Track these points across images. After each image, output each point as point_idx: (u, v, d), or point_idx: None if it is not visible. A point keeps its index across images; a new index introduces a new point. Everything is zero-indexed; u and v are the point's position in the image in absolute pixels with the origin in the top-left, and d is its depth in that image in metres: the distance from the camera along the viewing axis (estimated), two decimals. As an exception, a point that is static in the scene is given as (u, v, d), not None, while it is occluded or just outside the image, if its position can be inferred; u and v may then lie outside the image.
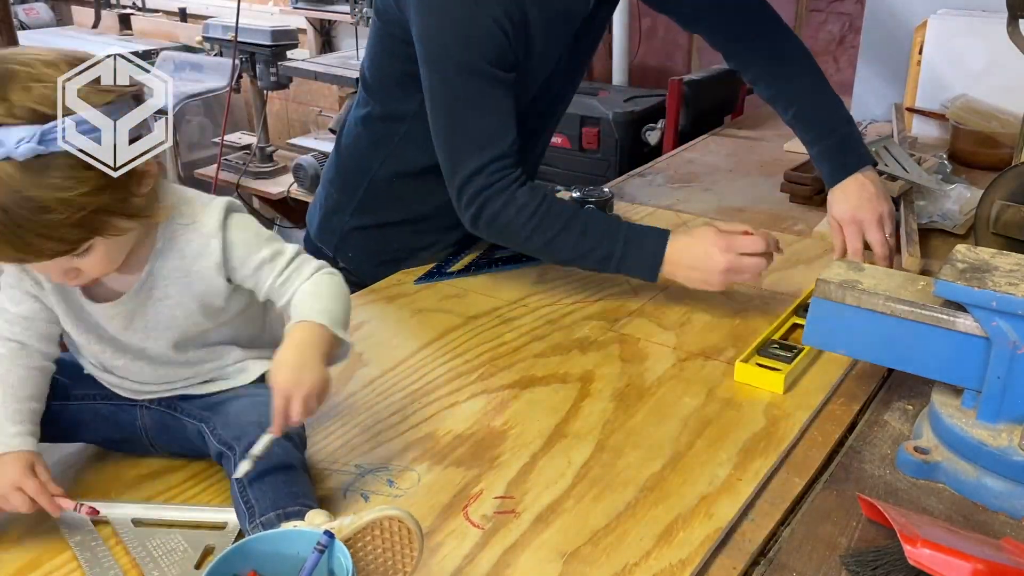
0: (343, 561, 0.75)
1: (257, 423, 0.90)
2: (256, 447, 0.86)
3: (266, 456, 0.87)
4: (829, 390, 1.14)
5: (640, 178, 2.04)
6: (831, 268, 1.07)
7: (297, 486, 0.90)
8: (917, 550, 0.77)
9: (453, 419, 1.10)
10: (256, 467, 0.86)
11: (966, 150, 2.02)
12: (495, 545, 0.88)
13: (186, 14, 4.54)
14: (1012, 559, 0.80)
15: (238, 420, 0.93)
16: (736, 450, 1.02)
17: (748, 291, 1.42)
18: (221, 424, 0.94)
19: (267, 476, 0.88)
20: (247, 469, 0.86)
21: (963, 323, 0.96)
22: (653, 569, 0.84)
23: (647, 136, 2.81)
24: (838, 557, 0.86)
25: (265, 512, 0.86)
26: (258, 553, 0.77)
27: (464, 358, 1.24)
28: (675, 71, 3.23)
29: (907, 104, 2.25)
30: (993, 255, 0.99)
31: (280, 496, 0.87)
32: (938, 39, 2.15)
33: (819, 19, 3.27)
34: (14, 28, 1.73)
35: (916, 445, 1.00)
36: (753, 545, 0.88)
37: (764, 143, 2.30)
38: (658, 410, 1.11)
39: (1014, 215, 1.38)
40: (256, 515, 0.86)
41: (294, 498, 0.87)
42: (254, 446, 0.86)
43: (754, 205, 1.84)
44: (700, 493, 0.95)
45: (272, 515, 0.85)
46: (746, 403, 1.11)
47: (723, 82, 2.86)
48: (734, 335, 1.29)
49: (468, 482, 0.97)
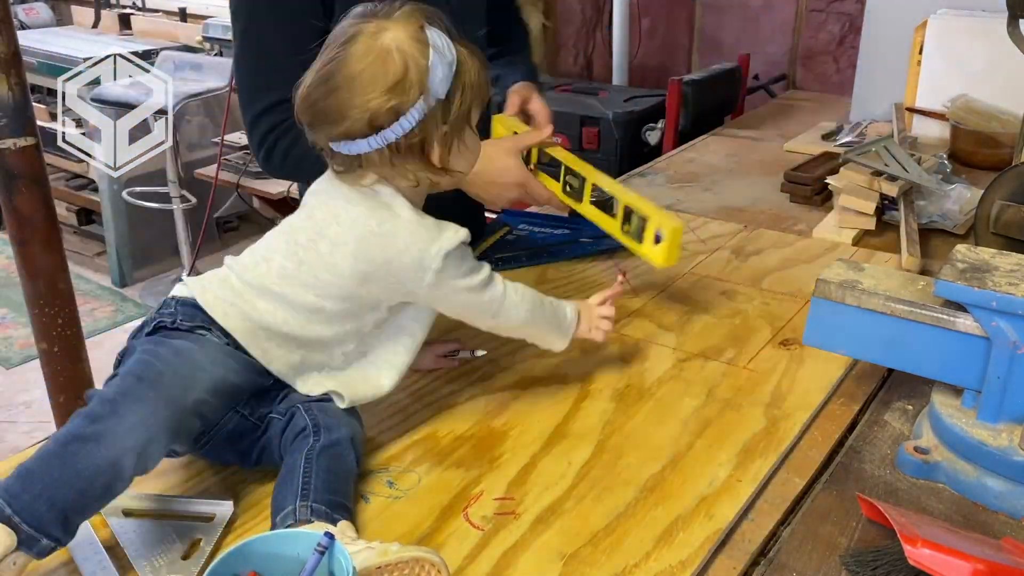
0: (343, 563, 0.75)
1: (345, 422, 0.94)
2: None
3: None
4: (829, 390, 1.14)
5: (640, 178, 2.04)
6: (831, 268, 1.07)
7: (351, 491, 0.91)
8: (917, 550, 0.77)
9: (453, 419, 1.10)
10: (330, 459, 0.89)
11: (966, 150, 2.02)
12: (495, 546, 0.88)
13: (186, 14, 4.54)
14: (1012, 559, 0.80)
15: (337, 416, 0.96)
16: (736, 451, 1.02)
17: (748, 291, 1.42)
18: (319, 410, 0.95)
19: (337, 471, 0.90)
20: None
21: (963, 323, 0.96)
22: (653, 570, 0.84)
23: (647, 136, 2.81)
24: (838, 557, 0.86)
25: (319, 500, 0.86)
26: (258, 554, 0.77)
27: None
28: (675, 71, 3.22)
29: (907, 104, 2.25)
30: (993, 255, 0.99)
31: (336, 495, 0.88)
32: (938, 39, 2.15)
33: (819, 19, 3.27)
34: (14, 28, 1.73)
35: (916, 445, 1.00)
36: (753, 545, 0.88)
37: (764, 143, 2.30)
38: (658, 411, 1.11)
39: (1014, 215, 1.39)
40: (309, 497, 0.85)
41: (345, 499, 0.89)
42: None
43: (754, 205, 1.84)
44: (700, 494, 0.95)
45: (323, 507, 0.85)
46: (746, 403, 1.11)
47: (723, 82, 2.86)
48: (734, 335, 1.29)
49: (468, 483, 0.97)
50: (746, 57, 2.98)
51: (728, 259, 1.55)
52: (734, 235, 1.66)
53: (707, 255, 1.57)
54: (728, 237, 1.65)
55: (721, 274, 1.49)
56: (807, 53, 3.32)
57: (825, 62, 3.29)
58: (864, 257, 1.55)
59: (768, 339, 1.27)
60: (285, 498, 0.86)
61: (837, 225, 1.66)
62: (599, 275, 1.49)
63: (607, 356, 1.23)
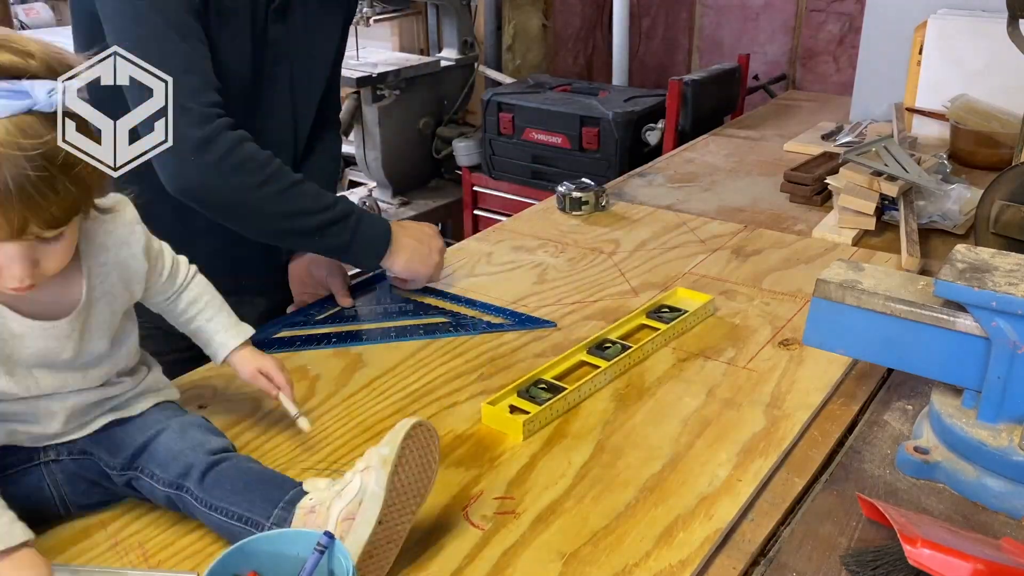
0: (343, 562, 0.75)
1: (193, 447, 0.90)
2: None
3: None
4: (829, 390, 1.14)
5: (640, 178, 2.04)
6: (831, 268, 1.07)
7: (269, 476, 0.91)
8: (917, 550, 0.77)
9: (453, 419, 1.09)
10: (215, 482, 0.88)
11: (966, 150, 2.02)
12: (495, 545, 0.88)
13: (186, 14, 4.54)
14: (1012, 559, 0.80)
15: (173, 454, 0.90)
16: (736, 450, 1.02)
17: (748, 291, 1.42)
18: (157, 466, 0.90)
19: (234, 482, 0.88)
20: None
21: (963, 323, 0.96)
22: (653, 570, 0.84)
23: (647, 136, 2.81)
24: (838, 557, 0.86)
25: (267, 514, 0.85)
26: (258, 553, 0.77)
27: (464, 358, 1.24)
28: (675, 71, 3.23)
29: (907, 104, 2.25)
30: (993, 255, 0.99)
31: (264, 494, 0.87)
32: (938, 39, 2.15)
33: (819, 19, 3.28)
34: (14, 28, 1.73)
35: (916, 445, 1.00)
36: (753, 545, 0.88)
37: (764, 143, 2.30)
38: (658, 410, 1.11)
39: (1014, 215, 1.38)
40: (264, 526, 0.84)
41: (275, 485, 0.88)
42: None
43: (754, 205, 1.84)
44: (700, 493, 0.95)
45: (277, 511, 0.85)
46: (746, 403, 1.11)
47: (723, 82, 2.86)
48: (734, 335, 1.29)
49: (468, 482, 0.97)
50: (746, 57, 2.99)
51: (728, 259, 1.55)
52: (734, 235, 1.66)
53: (707, 255, 1.57)
54: (728, 237, 1.65)
55: (721, 274, 1.49)
56: (807, 53, 3.32)
57: (825, 62, 3.29)
58: (864, 257, 1.55)
59: (768, 339, 1.27)
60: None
61: (837, 225, 1.66)
62: (599, 275, 1.49)
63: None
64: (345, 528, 0.80)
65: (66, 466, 0.92)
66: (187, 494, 0.88)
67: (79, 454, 0.93)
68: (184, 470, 0.89)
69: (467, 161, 3.23)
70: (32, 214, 0.75)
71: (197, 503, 0.87)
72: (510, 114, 3.00)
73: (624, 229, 1.69)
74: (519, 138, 3.01)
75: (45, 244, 0.80)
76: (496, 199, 3.17)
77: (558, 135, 2.91)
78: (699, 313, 1.32)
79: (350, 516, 0.81)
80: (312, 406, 1.12)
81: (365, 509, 0.81)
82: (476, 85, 3.52)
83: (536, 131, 2.96)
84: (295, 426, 1.02)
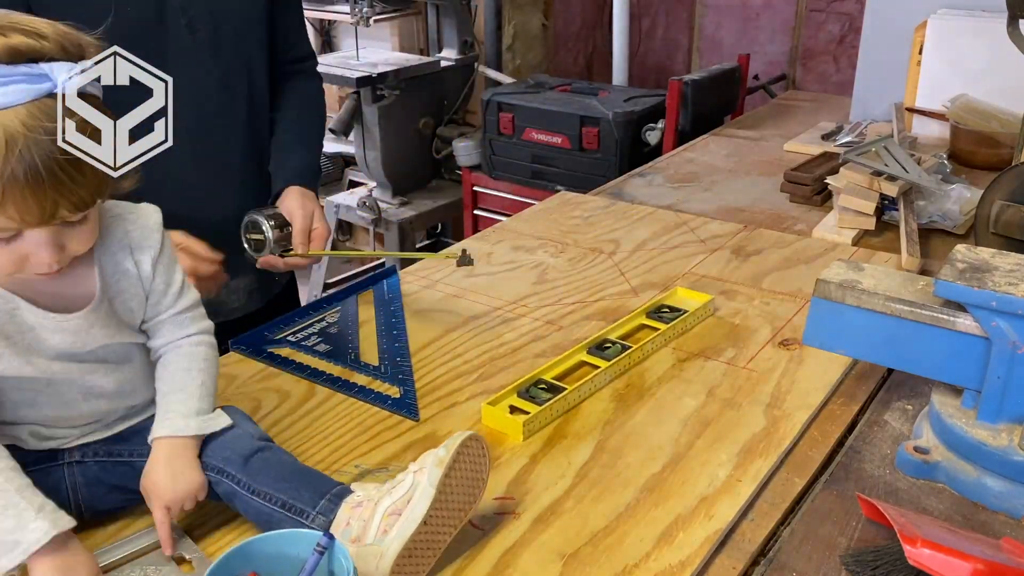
0: (343, 562, 0.75)
1: (237, 435, 0.90)
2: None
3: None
4: (829, 390, 1.14)
5: (640, 178, 2.04)
6: (831, 268, 1.07)
7: (307, 472, 0.91)
8: (917, 550, 0.77)
9: (453, 419, 1.10)
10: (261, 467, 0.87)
11: (966, 150, 2.02)
12: (495, 546, 0.88)
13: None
14: (1012, 559, 0.80)
15: (216, 438, 0.90)
16: (736, 450, 1.02)
17: (748, 291, 1.42)
18: (204, 452, 0.90)
19: (280, 469, 0.88)
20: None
21: (963, 323, 0.96)
22: (653, 570, 0.84)
23: (647, 136, 2.81)
24: (838, 557, 0.86)
25: (314, 503, 0.85)
26: (258, 554, 0.77)
27: (464, 358, 1.24)
28: (675, 71, 3.23)
29: (907, 104, 2.25)
30: (993, 255, 0.99)
31: (312, 484, 0.87)
32: (938, 39, 2.15)
33: (819, 19, 3.28)
34: (14, 28, 1.72)
35: (916, 445, 1.00)
36: (753, 545, 0.88)
37: (764, 143, 2.30)
38: (658, 410, 1.11)
39: (1014, 215, 1.38)
40: (309, 514, 0.84)
41: (322, 478, 0.89)
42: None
43: (754, 205, 1.84)
44: (700, 494, 0.95)
45: (324, 501, 0.85)
46: (746, 403, 1.11)
47: (723, 82, 2.86)
48: (734, 335, 1.29)
49: (468, 482, 0.97)
50: (746, 57, 2.98)
51: (728, 259, 1.55)
52: (734, 235, 1.66)
53: (707, 255, 1.57)
54: (728, 237, 1.65)
55: (721, 274, 1.49)
56: (807, 53, 3.32)
57: (825, 62, 3.29)
58: (864, 257, 1.55)
59: (768, 339, 1.27)
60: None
61: (837, 225, 1.66)
62: (599, 274, 1.49)
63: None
64: (390, 523, 0.80)
65: (88, 469, 0.91)
66: (228, 479, 0.88)
67: (105, 456, 0.92)
68: (228, 454, 0.89)
69: (467, 161, 3.23)
70: (62, 197, 0.76)
71: (240, 487, 0.87)
72: (510, 114, 3.00)
73: (624, 229, 1.69)
74: (519, 138, 3.01)
75: (70, 228, 0.81)
76: (496, 199, 3.18)
77: (558, 135, 2.91)
78: (699, 313, 1.32)
79: (396, 511, 0.81)
80: (312, 406, 1.12)
81: (413, 506, 0.81)
82: (476, 85, 3.52)
83: (536, 131, 2.96)
84: (294, 426, 1.02)
